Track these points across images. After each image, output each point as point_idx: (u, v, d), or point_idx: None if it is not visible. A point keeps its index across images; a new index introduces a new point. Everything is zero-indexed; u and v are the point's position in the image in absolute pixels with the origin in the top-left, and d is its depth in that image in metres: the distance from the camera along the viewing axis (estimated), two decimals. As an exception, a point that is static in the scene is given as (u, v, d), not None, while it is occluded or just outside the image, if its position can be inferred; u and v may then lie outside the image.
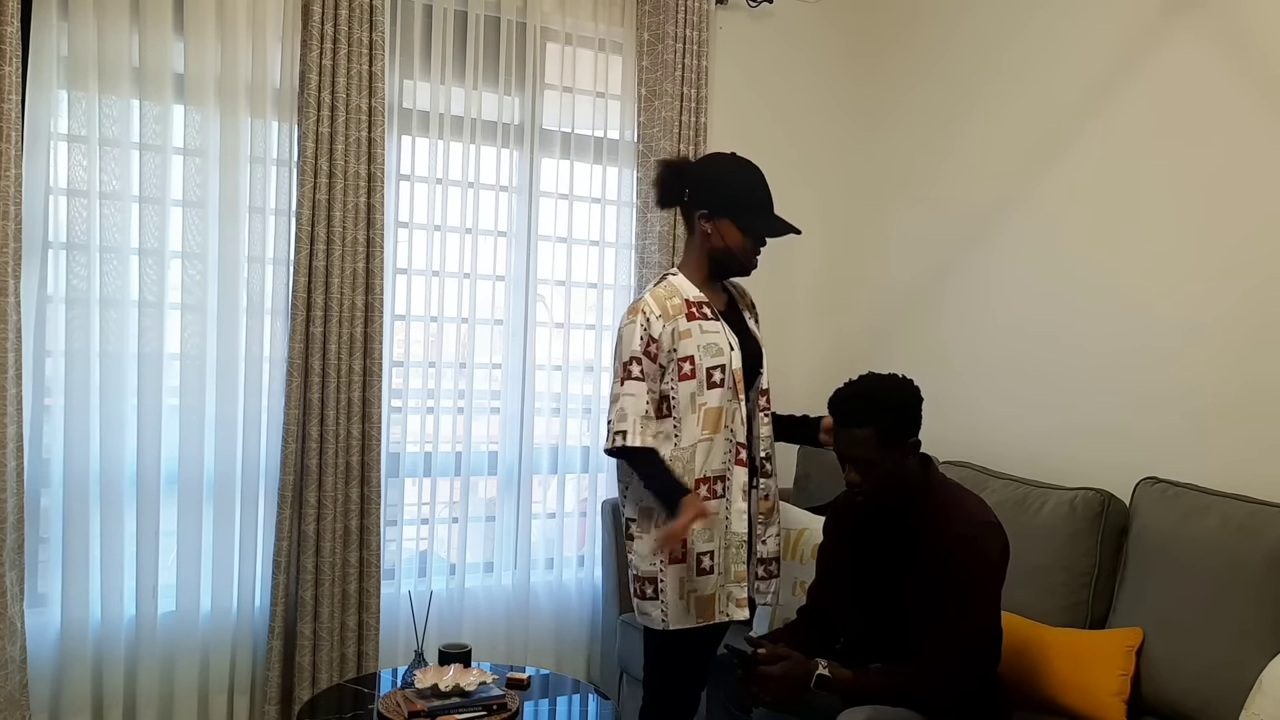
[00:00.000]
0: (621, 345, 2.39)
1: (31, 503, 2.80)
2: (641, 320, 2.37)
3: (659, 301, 2.39)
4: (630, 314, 2.39)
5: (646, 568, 2.39)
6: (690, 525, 2.27)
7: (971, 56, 3.45)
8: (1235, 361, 2.64)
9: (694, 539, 2.37)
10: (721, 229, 2.41)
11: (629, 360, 2.36)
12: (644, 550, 2.39)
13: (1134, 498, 2.64)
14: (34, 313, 2.79)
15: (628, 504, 2.44)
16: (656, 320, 2.37)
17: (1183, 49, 2.78)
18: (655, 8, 3.52)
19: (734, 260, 2.46)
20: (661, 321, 2.37)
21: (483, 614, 3.44)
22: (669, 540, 2.30)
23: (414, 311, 3.29)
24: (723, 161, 2.48)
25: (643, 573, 2.40)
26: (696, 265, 2.46)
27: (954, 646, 2.15)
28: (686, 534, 2.31)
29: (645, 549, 2.39)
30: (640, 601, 2.42)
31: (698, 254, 2.46)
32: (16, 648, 2.71)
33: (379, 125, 3.07)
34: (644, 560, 2.40)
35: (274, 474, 3.07)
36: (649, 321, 2.36)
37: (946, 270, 3.52)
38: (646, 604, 2.41)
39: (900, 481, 2.24)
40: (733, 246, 2.43)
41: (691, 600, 2.38)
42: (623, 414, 2.34)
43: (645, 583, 2.40)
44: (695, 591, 2.38)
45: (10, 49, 2.60)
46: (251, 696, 3.11)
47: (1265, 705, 1.97)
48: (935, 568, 2.18)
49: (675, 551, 2.36)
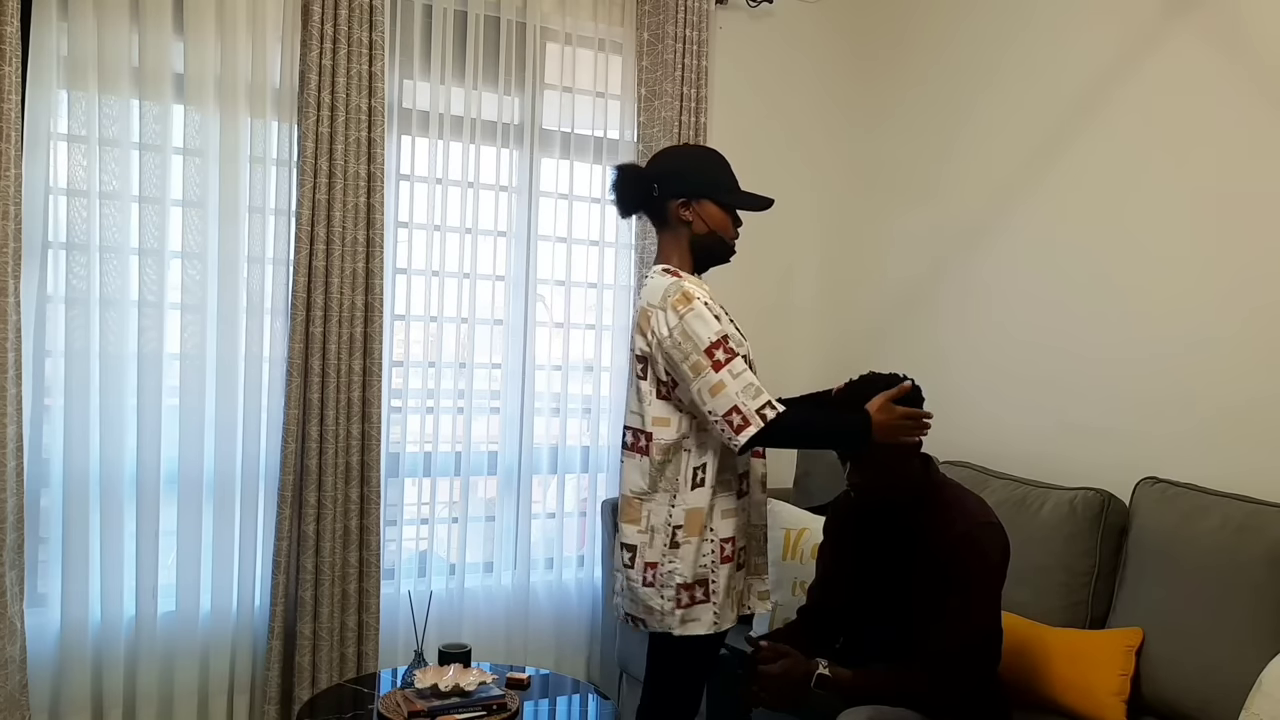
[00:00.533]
0: (694, 332, 2.17)
1: (31, 503, 2.80)
2: (700, 304, 2.20)
3: (698, 285, 2.27)
4: (681, 302, 2.20)
5: (697, 571, 2.25)
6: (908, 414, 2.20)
7: (971, 57, 3.45)
8: (1237, 364, 2.64)
9: (738, 536, 2.30)
10: (703, 211, 2.31)
11: (717, 341, 2.16)
12: (692, 555, 2.24)
13: (1134, 498, 2.64)
14: (34, 313, 2.79)
15: (674, 512, 2.25)
16: (712, 303, 2.24)
17: (1183, 49, 2.78)
18: (655, 8, 3.52)
19: (719, 243, 2.35)
20: (714, 304, 2.25)
21: (483, 614, 3.44)
22: (915, 417, 2.21)
23: (414, 311, 3.29)
24: (680, 149, 2.42)
25: (692, 579, 2.25)
26: (682, 261, 2.35)
27: (954, 646, 2.15)
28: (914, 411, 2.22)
29: (692, 553, 2.24)
30: (686, 610, 2.24)
31: (681, 248, 2.34)
32: (16, 648, 2.71)
33: (379, 125, 3.07)
34: (693, 565, 2.24)
35: (274, 474, 3.07)
36: (707, 303, 2.22)
37: (947, 270, 3.52)
38: (696, 609, 2.25)
39: (902, 481, 2.24)
40: (716, 227, 2.33)
41: (734, 597, 2.33)
42: (755, 389, 2.16)
43: (694, 589, 2.25)
44: (735, 588, 2.33)
45: (10, 49, 2.60)
46: (251, 696, 3.11)
47: (1265, 705, 1.97)
48: (935, 567, 2.18)
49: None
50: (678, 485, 2.25)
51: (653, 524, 2.26)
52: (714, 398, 2.15)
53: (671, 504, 2.26)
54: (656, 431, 2.26)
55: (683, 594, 2.25)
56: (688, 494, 2.25)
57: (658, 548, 2.26)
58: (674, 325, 2.19)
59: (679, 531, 2.25)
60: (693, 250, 2.35)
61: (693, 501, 2.25)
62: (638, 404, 2.29)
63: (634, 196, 2.35)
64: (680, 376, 2.20)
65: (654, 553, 2.26)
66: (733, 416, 2.14)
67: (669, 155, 2.40)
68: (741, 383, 2.14)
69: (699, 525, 2.25)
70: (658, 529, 2.26)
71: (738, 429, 2.14)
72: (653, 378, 2.26)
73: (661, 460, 2.26)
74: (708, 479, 2.26)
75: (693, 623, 2.26)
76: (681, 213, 2.32)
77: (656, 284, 2.28)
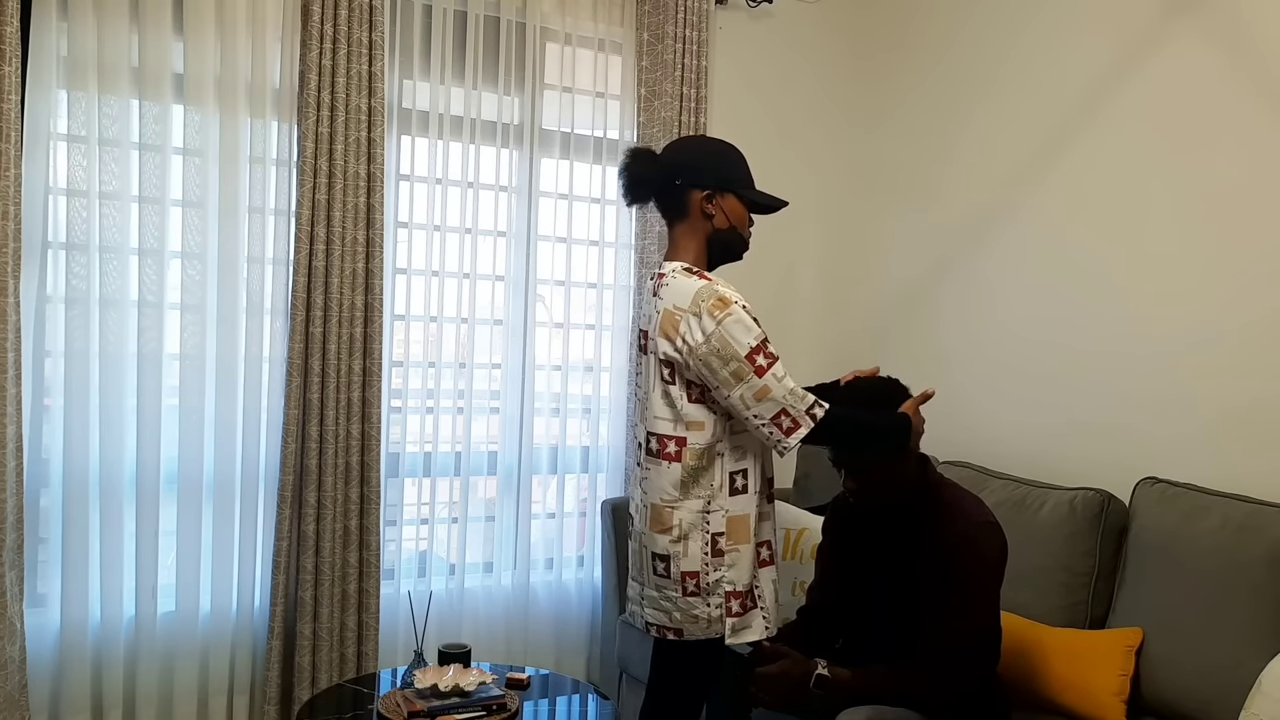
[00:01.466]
0: (733, 339, 2.10)
1: (31, 503, 2.80)
2: (738, 308, 2.13)
3: (730, 289, 2.19)
4: (717, 307, 2.12)
5: (747, 579, 2.19)
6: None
7: (972, 57, 3.45)
8: (1237, 364, 2.64)
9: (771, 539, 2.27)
10: (725, 206, 2.24)
11: (758, 345, 2.10)
12: (742, 562, 2.18)
13: (1134, 498, 2.64)
14: (34, 313, 2.79)
15: (712, 518, 2.17)
16: (748, 305, 2.17)
17: (1183, 50, 2.77)
18: (655, 8, 3.52)
19: (736, 239, 2.28)
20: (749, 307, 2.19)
21: (482, 614, 3.44)
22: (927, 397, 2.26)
23: (414, 311, 3.29)
24: (702, 139, 2.37)
25: (744, 586, 2.18)
26: (698, 258, 2.26)
27: (953, 646, 2.15)
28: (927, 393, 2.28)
29: (742, 560, 2.18)
30: (738, 619, 2.18)
31: (698, 242, 2.26)
32: (16, 648, 2.71)
33: (379, 125, 3.07)
34: (744, 573, 2.19)
35: (274, 474, 3.07)
36: (745, 306, 2.15)
37: (947, 270, 3.52)
38: (748, 617, 2.19)
39: (898, 483, 2.24)
40: (737, 223, 2.25)
41: (774, 599, 2.29)
42: (799, 393, 2.12)
43: (744, 597, 2.18)
44: (775, 590, 2.29)
45: (10, 49, 2.60)
46: (251, 697, 3.11)
47: (1265, 705, 1.97)
48: (934, 567, 2.18)
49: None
50: (713, 491, 2.18)
51: (685, 531, 2.17)
52: (760, 403, 2.11)
53: (707, 510, 2.17)
54: (691, 436, 2.17)
55: (733, 602, 2.18)
56: (728, 500, 2.18)
57: (695, 556, 2.17)
58: (711, 331, 2.12)
59: (721, 539, 2.17)
60: (709, 245, 2.26)
61: (737, 508, 2.19)
62: (666, 409, 2.18)
63: (650, 184, 2.25)
64: (718, 382, 2.12)
65: (691, 561, 2.17)
66: (781, 419, 2.11)
67: (690, 146, 2.34)
68: (786, 386, 2.11)
69: (745, 533, 2.19)
70: (692, 537, 2.17)
71: (787, 431, 2.11)
72: (683, 381, 2.17)
73: (695, 465, 2.17)
74: (750, 485, 2.20)
75: (745, 630, 2.20)
76: (705, 206, 2.23)
77: (681, 286, 2.17)
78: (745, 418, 2.14)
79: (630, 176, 2.23)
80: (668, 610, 2.19)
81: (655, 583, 2.20)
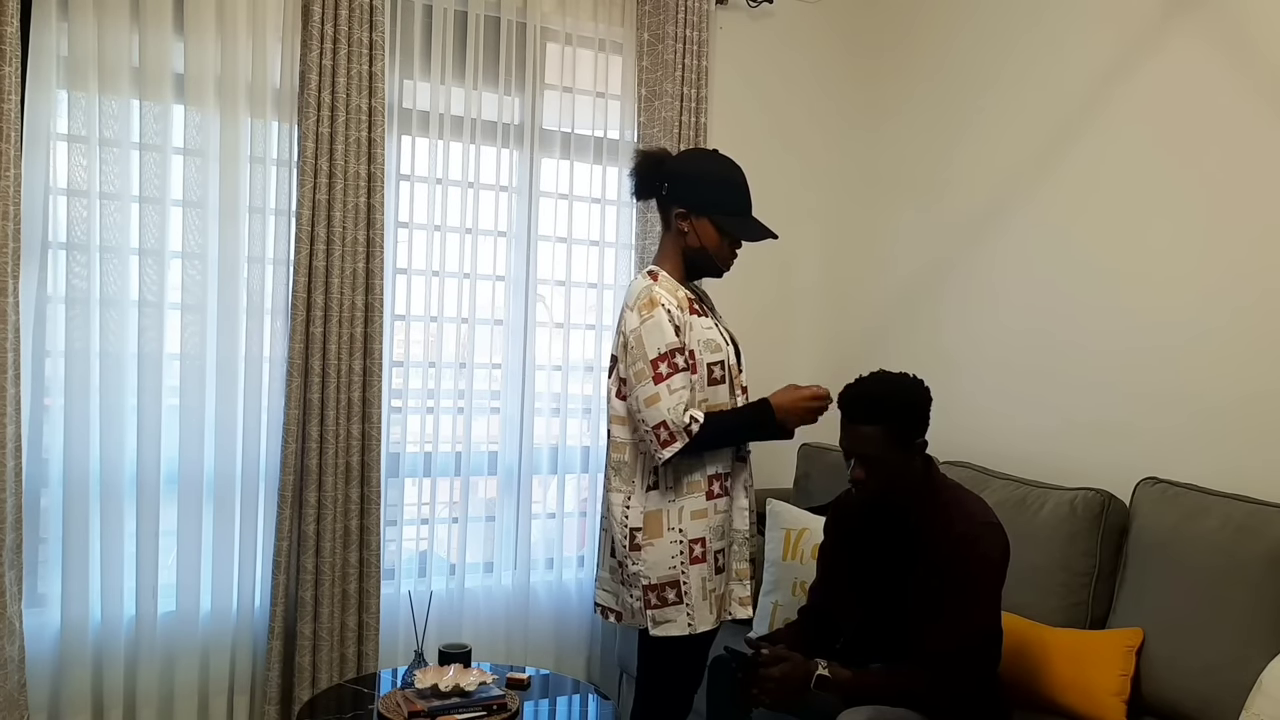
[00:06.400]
0: (646, 340, 2.24)
1: (31, 503, 2.80)
2: (662, 312, 2.25)
3: (669, 293, 2.30)
4: (645, 308, 2.26)
5: (664, 573, 2.29)
6: (813, 395, 2.33)
7: (972, 57, 3.45)
8: (1239, 365, 2.64)
9: (710, 537, 2.33)
10: (698, 228, 2.34)
11: (668, 352, 2.23)
12: (657, 556, 2.29)
13: (1134, 498, 2.64)
14: (34, 313, 2.79)
15: (630, 513, 2.32)
16: (676, 311, 2.27)
17: (1185, 50, 2.77)
18: (655, 8, 3.52)
19: (709, 261, 2.38)
20: (680, 313, 2.28)
21: (483, 614, 3.44)
22: (818, 398, 2.34)
23: (414, 311, 3.29)
24: (704, 158, 2.41)
25: (660, 579, 2.29)
26: (674, 266, 2.38)
27: (954, 646, 2.15)
28: (818, 392, 2.36)
29: (657, 555, 2.29)
30: (658, 610, 2.30)
31: (675, 252, 2.38)
32: (15, 648, 2.71)
33: (379, 125, 3.07)
34: (658, 567, 2.29)
35: (274, 474, 3.07)
36: (670, 313, 2.26)
37: (946, 270, 3.52)
38: (668, 610, 2.30)
39: (904, 481, 2.24)
40: (709, 247, 2.35)
41: (712, 600, 2.34)
42: (684, 406, 2.22)
43: (664, 589, 2.29)
44: (715, 591, 2.35)
45: (10, 49, 2.60)
46: (251, 696, 3.11)
47: (1265, 705, 1.97)
48: (936, 567, 2.18)
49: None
50: (634, 486, 2.31)
51: (616, 520, 2.34)
52: (648, 408, 2.24)
53: (626, 504, 2.32)
54: (615, 430, 2.34)
55: (650, 595, 2.30)
56: (643, 496, 2.31)
57: (619, 546, 2.34)
58: (634, 328, 2.27)
59: (638, 534, 2.31)
60: (684, 257, 2.40)
61: (650, 504, 2.31)
62: (613, 402, 2.36)
63: (648, 186, 2.40)
64: (630, 377, 2.28)
65: (620, 550, 2.34)
66: (660, 431, 2.23)
67: (691, 160, 2.42)
68: (675, 400, 2.22)
69: (658, 528, 2.30)
70: (615, 528, 2.34)
71: (664, 444, 2.23)
72: (616, 376, 2.34)
73: (619, 459, 2.33)
74: (662, 482, 2.31)
75: (666, 624, 2.31)
76: (679, 222, 2.36)
77: (635, 284, 2.35)
78: (636, 421, 2.28)
79: (633, 174, 2.40)
80: (613, 592, 2.39)
81: (608, 564, 2.39)
